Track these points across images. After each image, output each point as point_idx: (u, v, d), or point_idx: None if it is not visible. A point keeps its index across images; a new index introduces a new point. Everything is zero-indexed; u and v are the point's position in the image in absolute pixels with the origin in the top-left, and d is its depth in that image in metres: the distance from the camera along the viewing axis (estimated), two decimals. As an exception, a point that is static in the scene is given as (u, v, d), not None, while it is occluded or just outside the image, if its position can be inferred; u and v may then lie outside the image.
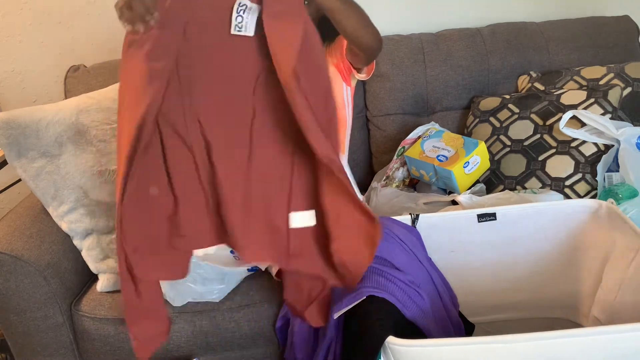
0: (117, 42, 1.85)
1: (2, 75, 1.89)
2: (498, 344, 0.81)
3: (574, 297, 1.24)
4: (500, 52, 1.73)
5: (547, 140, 1.49)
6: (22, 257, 1.29)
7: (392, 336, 0.82)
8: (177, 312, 1.33)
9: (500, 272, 1.24)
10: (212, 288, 1.32)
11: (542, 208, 1.20)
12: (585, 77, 1.61)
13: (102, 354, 1.37)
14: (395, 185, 1.62)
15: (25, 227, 1.37)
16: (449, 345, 0.82)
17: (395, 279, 0.97)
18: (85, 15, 1.84)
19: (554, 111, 1.51)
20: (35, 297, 1.31)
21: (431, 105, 1.77)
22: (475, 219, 1.20)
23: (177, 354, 1.35)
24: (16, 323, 1.32)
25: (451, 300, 1.12)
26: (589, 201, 1.19)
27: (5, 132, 1.33)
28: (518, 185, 1.48)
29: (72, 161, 1.38)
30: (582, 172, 1.41)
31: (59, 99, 1.74)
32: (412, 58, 1.74)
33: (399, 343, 0.82)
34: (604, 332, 0.81)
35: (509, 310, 1.28)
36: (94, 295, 1.39)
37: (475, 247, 1.21)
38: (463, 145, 1.48)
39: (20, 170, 1.36)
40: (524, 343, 0.80)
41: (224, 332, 1.34)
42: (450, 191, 1.52)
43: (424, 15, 1.89)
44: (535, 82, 1.68)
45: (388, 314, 0.91)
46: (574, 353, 0.81)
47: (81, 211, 1.39)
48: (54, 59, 1.88)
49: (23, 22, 1.83)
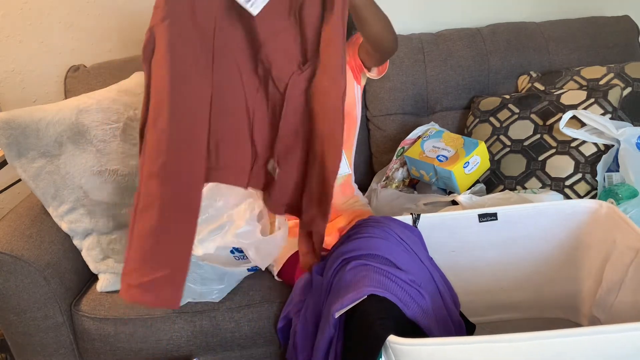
0: (117, 42, 1.87)
1: (2, 75, 1.89)
2: (499, 343, 0.80)
3: (574, 297, 1.24)
4: (500, 52, 1.74)
5: (547, 140, 1.49)
6: (22, 257, 1.29)
7: (393, 335, 0.82)
8: (177, 312, 1.33)
9: (501, 272, 1.24)
10: (212, 288, 1.32)
11: (543, 208, 1.20)
12: (585, 77, 1.61)
13: (102, 354, 1.37)
14: (395, 185, 1.62)
15: (25, 227, 1.37)
16: (450, 344, 0.82)
17: (396, 278, 0.97)
18: (85, 15, 1.84)
19: (554, 111, 1.51)
20: (35, 297, 1.31)
21: (431, 105, 1.78)
22: (476, 219, 1.20)
23: (177, 354, 1.35)
24: (16, 323, 1.32)
25: (452, 299, 1.11)
26: (589, 201, 1.19)
27: (5, 132, 1.33)
28: (518, 185, 1.48)
29: (72, 161, 1.38)
30: (582, 172, 1.41)
31: (59, 99, 1.74)
32: (412, 58, 1.74)
33: (400, 342, 0.81)
34: (605, 332, 0.81)
35: (510, 310, 1.28)
36: (94, 295, 1.39)
37: (476, 247, 1.21)
38: (463, 146, 1.48)
39: (20, 170, 1.36)
40: (525, 342, 0.80)
41: (224, 332, 1.34)
42: (450, 191, 1.52)
43: (424, 15, 1.89)
44: (535, 82, 1.68)
45: (389, 313, 0.91)
46: (574, 352, 0.81)
47: (81, 211, 1.39)
48: (54, 59, 1.88)
49: (23, 22, 1.83)
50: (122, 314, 1.34)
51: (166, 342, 1.34)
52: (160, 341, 1.34)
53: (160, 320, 1.33)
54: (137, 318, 1.33)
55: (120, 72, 1.70)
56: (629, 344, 0.80)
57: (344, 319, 0.98)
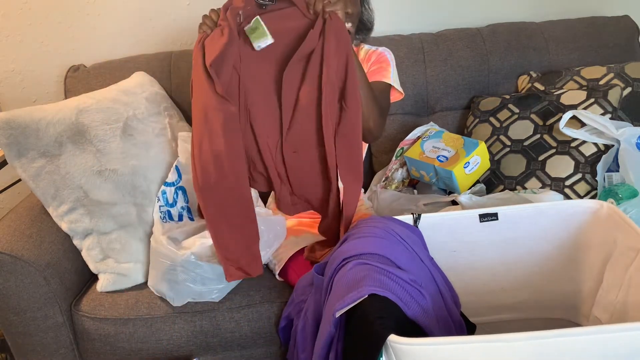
0: (117, 42, 1.87)
1: (2, 75, 1.89)
2: (500, 343, 0.80)
3: (574, 297, 1.24)
4: (500, 52, 1.74)
5: (547, 140, 1.49)
6: (22, 257, 1.29)
7: (393, 334, 0.82)
8: (177, 312, 1.33)
9: (502, 272, 1.24)
10: (212, 288, 1.32)
11: (543, 208, 1.20)
12: (585, 77, 1.61)
13: (102, 354, 1.37)
14: (395, 186, 1.61)
15: (25, 227, 1.37)
16: (451, 344, 0.82)
17: (397, 278, 0.97)
18: (85, 15, 1.84)
19: (554, 111, 1.51)
20: (35, 297, 1.31)
21: (431, 105, 1.78)
22: (477, 219, 1.20)
23: (177, 354, 1.35)
24: (16, 323, 1.32)
25: (453, 299, 1.11)
26: (589, 201, 1.18)
27: (5, 132, 1.33)
28: (518, 185, 1.48)
29: (72, 161, 1.38)
30: (582, 172, 1.41)
31: (59, 99, 1.74)
32: (412, 58, 1.74)
33: (401, 341, 0.81)
34: (605, 331, 0.81)
35: (510, 310, 1.28)
36: (94, 295, 1.39)
37: (476, 247, 1.20)
38: (463, 146, 1.48)
39: (20, 170, 1.36)
40: (526, 342, 0.80)
41: (224, 332, 1.34)
42: (450, 191, 1.52)
43: (424, 15, 1.89)
44: (535, 82, 1.68)
45: (390, 312, 0.91)
46: (574, 352, 0.81)
47: (81, 211, 1.39)
48: (54, 59, 1.88)
49: (23, 22, 1.83)
50: (122, 314, 1.34)
51: (166, 342, 1.34)
52: (160, 341, 1.34)
53: (160, 320, 1.33)
54: (137, 318, 1.33)
55: (120, 72, 1.70)
56: (629, 343, 0.80)
57: (344, 319, 0.98)
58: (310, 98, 1.21)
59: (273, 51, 1.22)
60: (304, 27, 1.20)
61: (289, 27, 1.21)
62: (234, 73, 1.23)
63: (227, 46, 1.18)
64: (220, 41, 1.18)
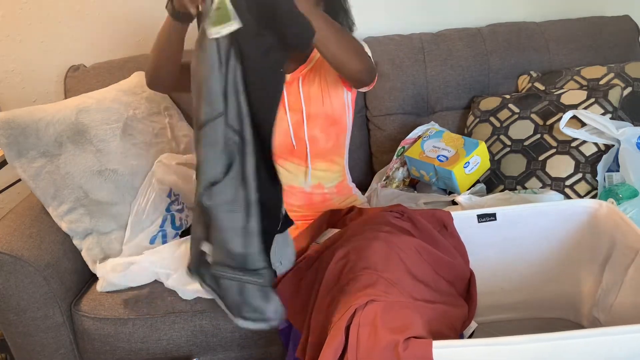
0: (116, 42, 1.87)
1: (2, 75, 1.89)
2: (499, 346, 0.81)
3: (574, 297, 1.24)
4: (500, 52, 1.73)
5: (547, 140, 1.49)
6: (22, 257, 1.29)
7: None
8: (177, 312, 1.33)
9: (501, 272, 1.24)
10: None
11: (543, 208, 1.20)
12: (586, 77, 1.61)
13: (102, 354, 1.37)
14: (395, 185, 1.61)
15: (25, 227, 1.37)
16: (451, 347, 0.82)
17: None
18: (85, 15, 1.84)
19: (554, 111, 1.51)
20: (35, 297, 1.31)
21: (431, 105, 1.77)
22: (475, 219, 1.20)
23: (177, 354, 1.35)
24: (16, 323, 1.32)
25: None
26: (589, 201, 1.18)
27: (5, 132, 1.33)
28: (518, 185, 1.48)
29: (72, 161, 1.38)
30: (582, 172, 1.41)
31: (59, 99, 1.73)
32: (412, 58, 1.74)
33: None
34: (605, 334, 0.81)
35: (509, 310, 1.28)
36: (94, 295, 1.39)
37: (475, 247, 1.20)
38: (463, 146, 1.48)
39: (20, 170, 1.36)
40: (525, 345, 0.80)
41: (224, 332, 1.34)
42: (450, 191, 1.52)
43: (424, 15, 1.89)
44: (535, 82, 1.68)
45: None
46: (574, 354, 0.81)
47: (81, 211, 1.39)
48: (54, 59, 1.87)
49: (23, 22, 1.83)
50: (122, 314, 1.34)
51: (166, 342, 1.34)
52: (160, 341, 1.34)
53: (160, 320, 1.33)
54: (137, 318, 1.33)
55: (120, 72, 1.70)
56: (630, 346, 0.80)
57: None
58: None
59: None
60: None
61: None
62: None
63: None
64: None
